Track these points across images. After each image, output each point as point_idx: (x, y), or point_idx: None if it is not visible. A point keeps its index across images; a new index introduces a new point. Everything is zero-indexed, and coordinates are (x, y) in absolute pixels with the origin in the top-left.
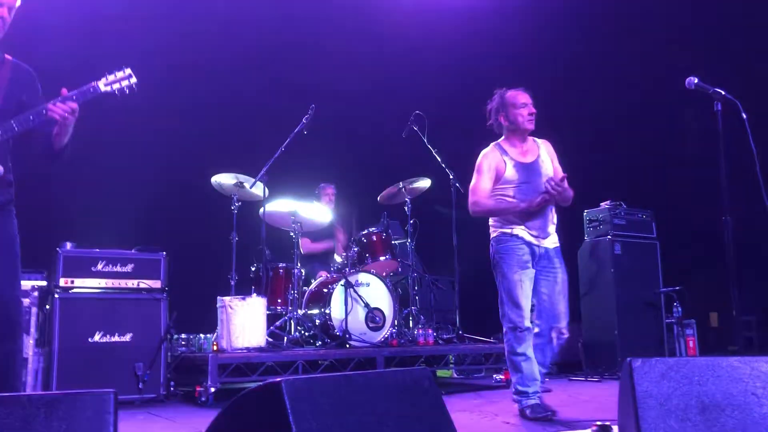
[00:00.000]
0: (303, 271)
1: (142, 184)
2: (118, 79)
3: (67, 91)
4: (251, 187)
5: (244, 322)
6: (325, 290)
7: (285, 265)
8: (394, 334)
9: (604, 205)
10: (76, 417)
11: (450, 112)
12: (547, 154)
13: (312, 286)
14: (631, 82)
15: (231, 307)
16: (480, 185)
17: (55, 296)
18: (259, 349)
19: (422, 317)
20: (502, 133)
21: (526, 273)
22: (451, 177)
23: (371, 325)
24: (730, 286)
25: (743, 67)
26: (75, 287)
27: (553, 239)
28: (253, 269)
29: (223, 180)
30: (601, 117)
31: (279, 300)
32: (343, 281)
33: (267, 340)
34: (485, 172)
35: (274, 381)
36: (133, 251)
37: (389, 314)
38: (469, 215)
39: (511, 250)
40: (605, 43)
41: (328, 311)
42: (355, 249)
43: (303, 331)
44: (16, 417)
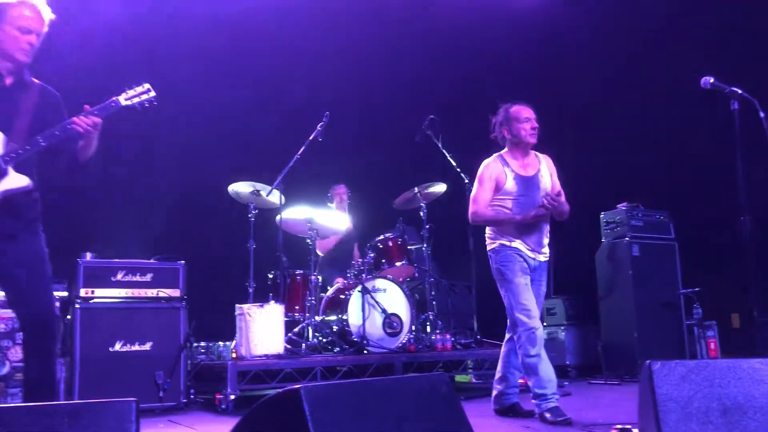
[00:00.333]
0: (320, 277)
1: (160, 195)
2: (137, 94)
3: (89, 107)
4: (268, 195)
5: (263, 330)
6: (342, 296)
7: (302, 271)
8: (411, 340)
9: (621, 206)
10: (99, 426)
11: (464, 115)
12: (547, 169)
13: (329, 293)
14: (647, 82)
15: (249, 315)
16: (480, 195)
17: (76, 306)
18: (278, 356)
19: (440, 322)
20: (505, 146)
21: (528, 278)
22: (466, 181)
23: (389, 330)
24: (750, 286)
25: (760, 66)
26: (95, 297)
27: (546, 252)
28: (271, 276)
29: (240, 188)
30: (617, 118)
31: (296, 307)
32: (360, 287)
33: (285, 347)
34: (486, 182)
35: (293, 388)
36: (152, 261)
37: (406, 320)
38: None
39: (513, 258)
40: (620, 42)
41: (345, 317)
42: (372, 255)
43: (321, 338)
44: (42, 426)
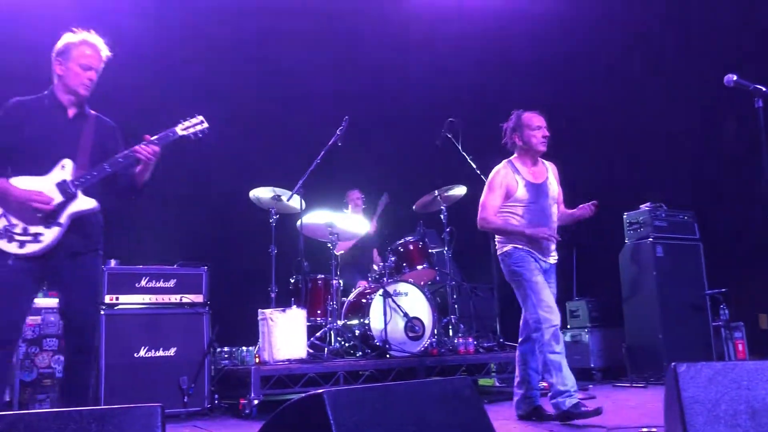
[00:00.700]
0: (341, 281)
1: (182, 202)
2: (192, 125)
3: (149, 137)
4: (288, 200)
5: (285, 334)
6: (364, 300)
7: (323, 276)
8: (434, 344)
9: (644, 207)
10: (125, 431)
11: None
12: (554, 177)
13: (351, 297)
14: (669, 82)
15: (272, 320)
16: (489, 202)
17: (101, 313)
18: (301, 361)
19: (462, 326)
20: (515, 152)
21: (543, 277)
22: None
23: (411, 334)
24: None
25: None
26: (120, 303)
27: (555, 255)
28: (292, 281)
29: (261, 194)
30: (639, 117)
31: (318, 311)
32: (381, 291)
33: (308, 351)
34: (497, 188)
35: (316, 392)
36: (175, 267)
37: (428, 323)
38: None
39: (526, 258)
40: (644, 40)
41: (367, 321)
42: (393, 258)
43: (343, 342)
44: (70, 431)
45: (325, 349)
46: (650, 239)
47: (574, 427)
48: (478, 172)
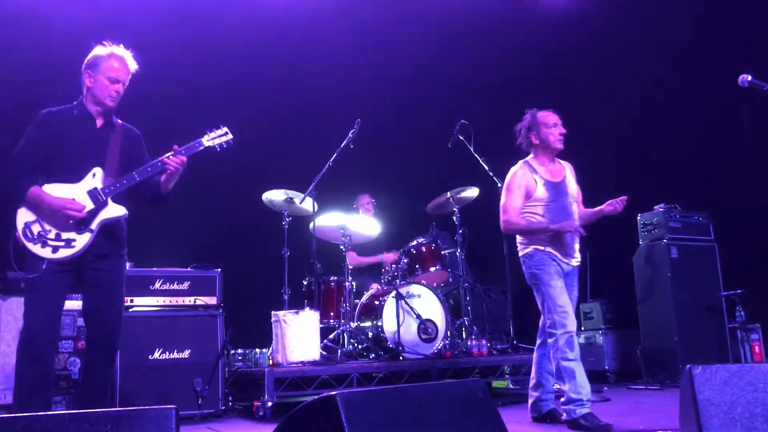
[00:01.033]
0: (354, 283)
1: (196, 204)
2: (218, 136)
3: (177, 147)
4: (301, 203)
5: (299, 336)
6: (377, 302)
7: (336, 278)
8: (447, 346)
9: (658, 208)
10: None
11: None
12: (572, 176)
13: (363, 299)
14: (683, 81)
15: (285, 322)
16: (511, 203)
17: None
18: (314, 363)
19: (475, 328)
20: (531, 152)
21: (563, 281)
22: (499, 185)
23: (424, 336)
24: None
25: None
26: (134, 306)
27: (578, 257)
28: (305, 283)
29: (274, 196)
30: (652, 117)
31: (331, 313)
32: (394, 293)
33: (321, 353)
34: (516, 189)
35: (330, 394)
36: (189, 269)
37: (442, 325)
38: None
39: (547, 261)
40: (658, 41)
41: (380, 323)
42: (405, 260)
43: (356, 344)
44: None
45: (339, 351)
46: (665, 240)
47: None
48: (490, 173)
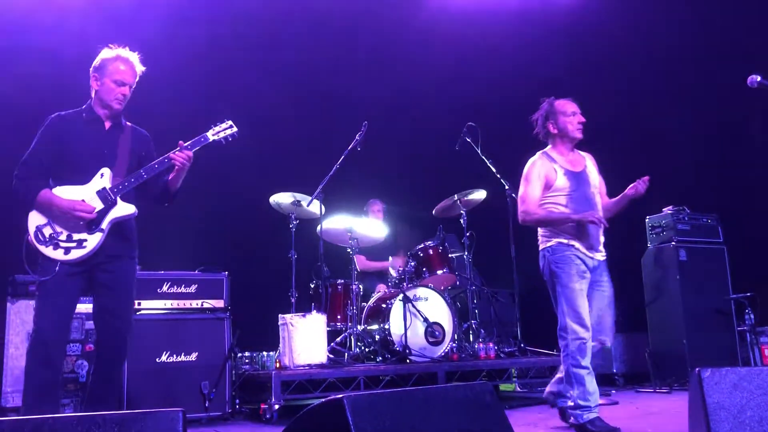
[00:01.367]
0: (361, 286)
1: (202, 207)
2: (222, 129)
3: (183, 143)
4: (308, 205)
5: (306, 339)
6: (384, 305)
7: (343, 281)
8: (454, 349)
9: (667, 210)
10: None
11: (503, 120)
12: (593, 166)
13: (371, 302)
14: (692, 83)
15: (292, 324)
16: (530, 193)
17: None
18: (321, 366)
19: (482, 331)
20: (549, 142)
21: (585, 282)
22: (506, 187)
23: (431, 339)
24: None
25: None
26: (142, 309)
27: (603, 252)
28: (312, 286)
29: (281, 199)
30: (660, 119)
31: (338, 316)
32: (401, 296)
33: (328, 356)
34: (535, 180)
35: (337, 397)
36: (196, 272)
37: (449, 328)
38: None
39: (569, 259)
40: (667, 42)
41: (387, 326)
42: (412, 263)
43: (363, 347)
44: None
45: (346, 354)
46: (673, 243)
47: None
48: (498, 176)
